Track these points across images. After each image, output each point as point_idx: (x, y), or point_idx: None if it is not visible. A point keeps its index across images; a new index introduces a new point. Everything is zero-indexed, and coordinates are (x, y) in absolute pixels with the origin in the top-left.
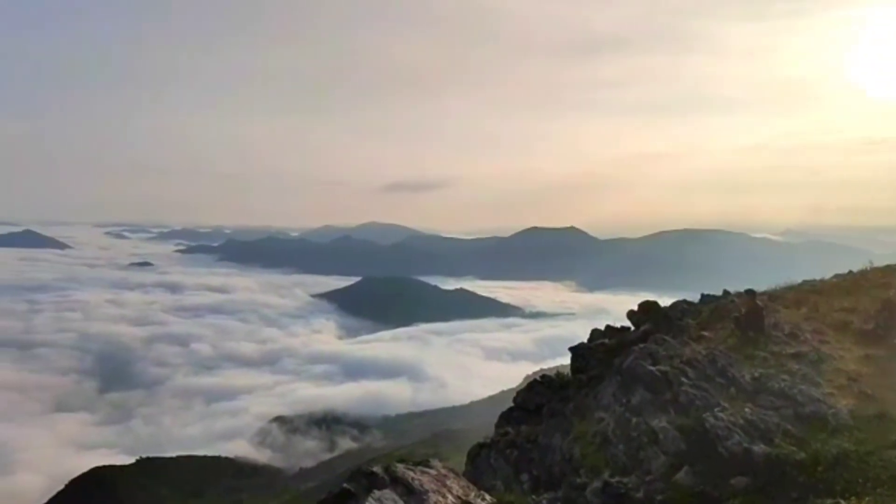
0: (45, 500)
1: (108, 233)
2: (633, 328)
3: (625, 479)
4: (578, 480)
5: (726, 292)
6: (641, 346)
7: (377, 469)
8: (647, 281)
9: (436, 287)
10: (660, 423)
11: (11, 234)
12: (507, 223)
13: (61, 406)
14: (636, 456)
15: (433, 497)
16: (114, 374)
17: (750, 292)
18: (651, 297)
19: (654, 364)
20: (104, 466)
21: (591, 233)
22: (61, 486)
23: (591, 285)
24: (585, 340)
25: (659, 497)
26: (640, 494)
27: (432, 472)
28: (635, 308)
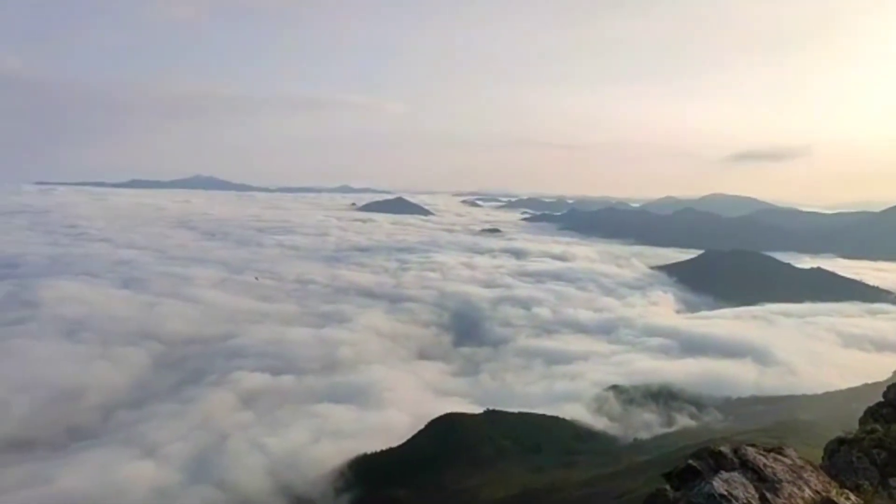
0: (409, 436)
1: (463, 201)
2: None
3: None
4: None
5: None
6: None
7: (725, 449)
8: None
9: (788, 265)
10: None
11: (386, 201)
12: (880, 196)
13: (423, 354)
14: None
15: (788, 488)
16: (466, 330)
17: None
18: None
19: None
20: (457, 413)
21: None
22: (422, 426)
23: None
24: None
25: None
26: None
27: (786, 460)
28: None
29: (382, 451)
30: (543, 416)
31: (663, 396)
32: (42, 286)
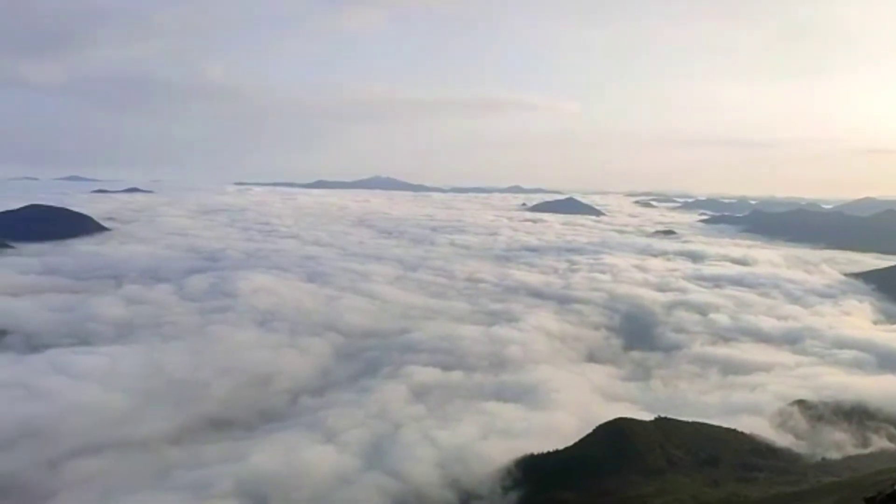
0: (576, 439)
1: (637, 202)
2: None
3: None
4: None
5: None
6: None
7: None
8: None
9: None
10: None
11: (557, 201)
12: None
13: (592, 357)
14: None
15: None
16: (636, 334)
17: None
18: None
19: None
20: (626, 418)
21: None
22: (589, 429)
23: None
24: None
25: None
26: None
27: None
28: None
29: (549, 453)
30: (719, 427)
31: (857, 414)
32: (239, 278)
